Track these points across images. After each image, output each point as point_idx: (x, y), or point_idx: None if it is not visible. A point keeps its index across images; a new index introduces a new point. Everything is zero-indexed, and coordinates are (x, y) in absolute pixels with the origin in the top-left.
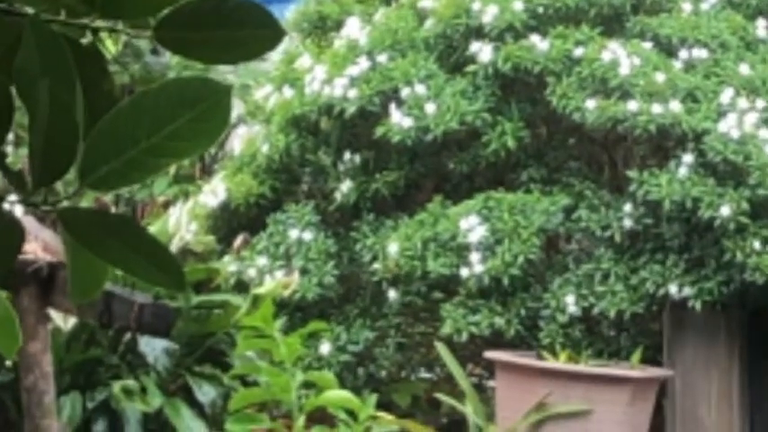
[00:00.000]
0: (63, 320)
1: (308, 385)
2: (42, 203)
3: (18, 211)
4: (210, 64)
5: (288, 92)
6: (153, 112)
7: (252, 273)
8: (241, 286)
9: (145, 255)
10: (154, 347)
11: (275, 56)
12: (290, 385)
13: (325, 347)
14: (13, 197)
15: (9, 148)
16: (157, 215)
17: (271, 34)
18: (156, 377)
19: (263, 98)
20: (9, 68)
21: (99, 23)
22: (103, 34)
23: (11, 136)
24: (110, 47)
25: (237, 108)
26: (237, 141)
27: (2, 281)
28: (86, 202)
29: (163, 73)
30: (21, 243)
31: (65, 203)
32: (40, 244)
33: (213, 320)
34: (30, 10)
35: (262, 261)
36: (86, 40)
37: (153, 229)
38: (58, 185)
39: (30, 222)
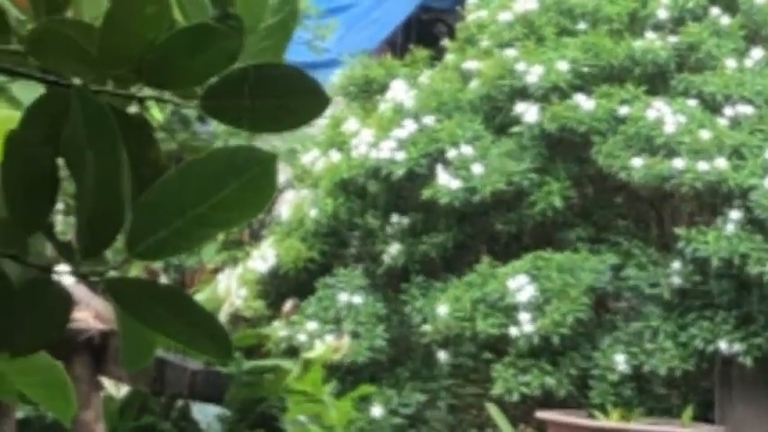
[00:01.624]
0: (115, 388)
1: None
2: (90, 273)
3: (70, 278)
4: (256, 132)
5: (335, 156)
6: (199, 181)
7: (302, 337)
8: (291, 351)
9: (193, 324)
10: (206, 414)
11: (321, 120)
12: None
13: (376, 410)
14: (62, 267)
15: (59, 217)
16: (207, 281)
17: (316, 103)
18: None
19: (311, 162)
20: (56, 139)
21: (146, 93)
22: (150, 101)
23: (60, 205)
24: (157, 114)
25: (285, 173)
26: (285, 206)
27: (54, 350)
28: (136, 269)
29: (210, 140)
30: (69, 313)
31: (112, 273)
32: (92, 312)
33: (265, 385)
34: (77, 81)
35: (312, 325)
36: (133, 108)
37: (203, 295)
38: (109, 253)
39: (81, 290)
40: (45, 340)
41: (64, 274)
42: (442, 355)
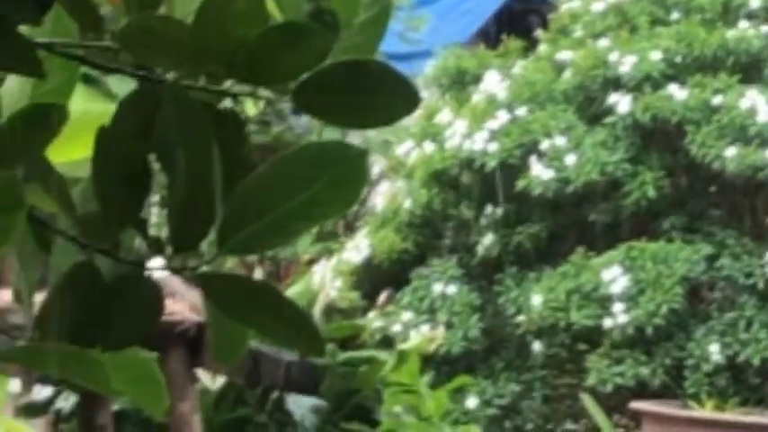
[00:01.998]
0: (211, 380)
1: None
2: (182, 268)
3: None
4: (346, 128)
5: (428, 147)
6: (290, 177)
7: (397, 328)
8: (386, 342)
9: (284, 320)
10: (301, 405)
11: (416, 111)
12: None
13: (471, 401)
14: (156, 261)
15: (155, 209)
16: (302, 273)
17: (406, 101)
18: None
19: (405, 153)
20: (148, 135)
21: (238, 89)
22: (243, 97)
23: (156, 197)
24: (250, 108)
25: (379, 164)
26: (380, 197)
27: (149, 342)
28: (231, 262)
29: (305, 132)
30: (161, 308)
31: (204, 268)
32: (188, 304)
33: (360, 377)
34: (169, 76)
35: (406, 316)
36: (226, 103)
37: (298, 287)
38: (204, 247)
39: (177, 282)
40: (137, 335)
41: (157, 269)
42: (537, 346)
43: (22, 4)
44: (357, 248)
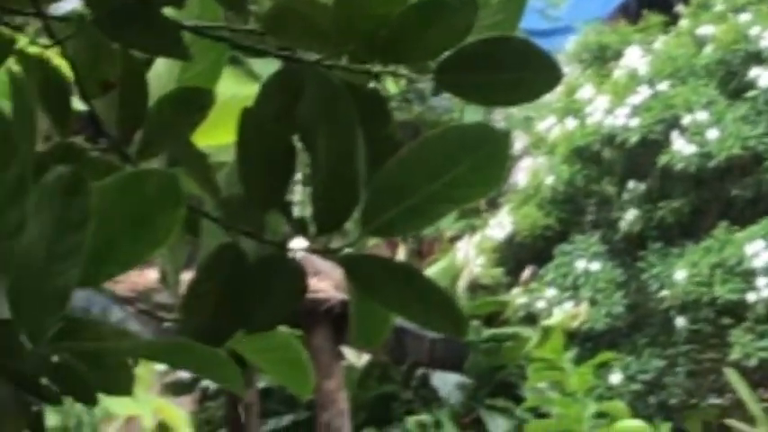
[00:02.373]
0: (356, 357)
1: (600, 415)
2: (325, 250)
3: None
4: (488, 106)
5: (570, 123)
6: (433, 159)
7: (540, 304)
8: (530, 318)
9: (426, 301)
10: (446, 382)
11: (557, 87)
12: (582, 416)
13: (615, 377)
14: (299, 242)
15: (298, 187)
16: (445, 250)
17: (548, 77)
18: (449, 411)
19: (546, 130)
20: (292, 115)
21: (380, 68)
22: (385, 76)
23: (299, 175)
24: (391, 87)
25: (521, 140)
26: (522, 174)
27: (295, 321)
28: (374, 240)
29: (446, 112)
30: (305, 290)
31: (347, 250)
32: (333, 282)
33: (504, 353)
34: (312, 58)
35: (550, 292)
36: (368, 83)
37: (441, 264)
38: (349, 226)
39: (321, 261)
40: (280, 316)
41: (301, 250)
42: (680, 321)
43: None
44: (500, 225)
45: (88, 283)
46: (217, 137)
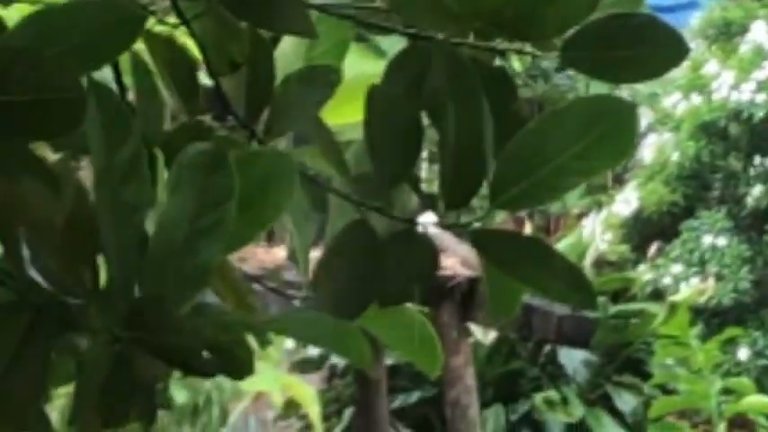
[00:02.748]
0: (483, 334)
1: (727, 391)
2: (454, 225)
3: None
4: (614, 83)
5: (695, 99)
6: (560, 132)
7: (667, 280)
8: (657, 294)
9: (556, 274)
10: (573, 358)
11: (683, 63)
12: (708, 392)
13: (742, 353)
14: (428, 217)
15: (424, 165)
16: (571, 226)
17: (674, 53)
18: (576, 388)
19: (672, 106)
20: (419, 92)
21: (506, 45)
22: (511, 54)
23: (425, 153)
24: (515, 65)
25: (646, 117)
26: (648, 150)
27: (422, 297)
28: (501, 216)
29: (568, 89)
30: (436, 265)
31: (477, 225)
32: (459, 259)
33: (631, 330)
34: (439, 35)
35: (676, 268)
36: (495, 61)
37: (568, 240)
38: (476, 202)
39: (448, 238)
40: (411, 292)
41: (430, 225)
42: None
43: None
44: (626, 201)
45: None
46: (344, 115)
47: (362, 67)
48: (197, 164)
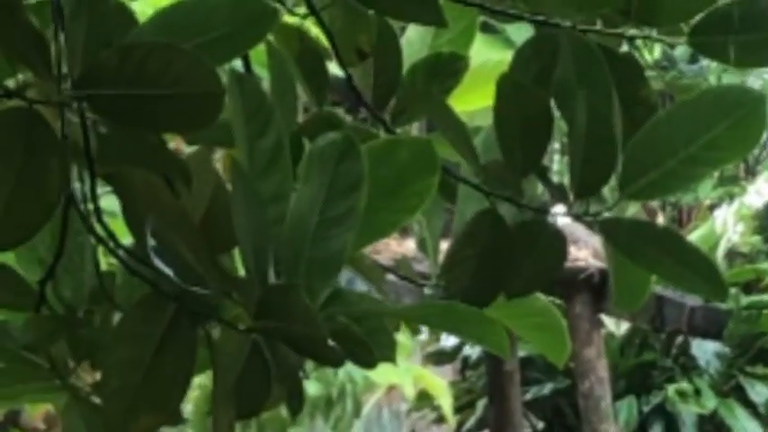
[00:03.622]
0: (616, 326)
1: None
2: (584, 214)
3: (567, 217)
4: (744, 68)
5: None
6: (690, 122)
7: None
8: None
9: (686, 263)
10: (705, 350)
11: None
12: None
13: None
14: (558, 208)
15: (556, 156)
16: (703, 218)
17: None
18: (708, 379)
19: None
20: (548, 81)
21: (634, 32)
22: (640, 42)
23: (557, 145)
24: (645, 54)
25: None
26: None
27: (555, 289)
28: (634, 207)
29: (698, 78)
30: (564, 255)
31: (606, 214)
32: (591, 251)
33: (763, 321)
34: (567, 22)
35: None
36: (623, 49)
37: (699, 231)
38: (606, 192)
39: (579, 229)
40: (540, 282)
41: (560, 215)
42: None
43: None
44: (758, 192)
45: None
46: (471, 102)
47: (489, 55)
48: (327, 153)
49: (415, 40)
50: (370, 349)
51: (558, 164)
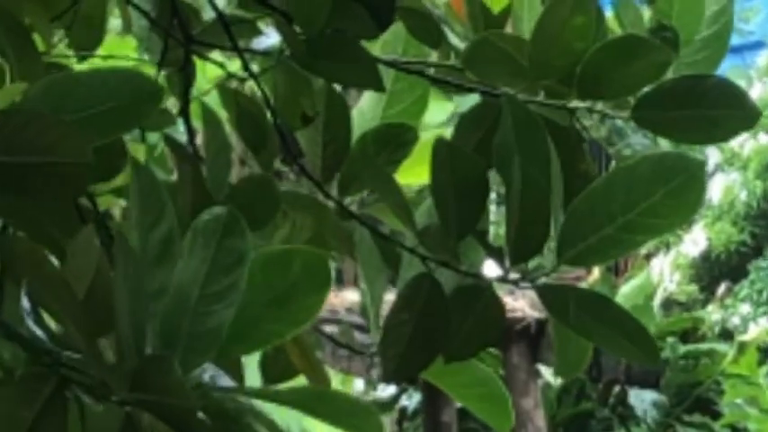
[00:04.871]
0: (553, 375)
1: None
2: (520, 280)
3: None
4: (684, 143)
5: (763, 138)
6: (627, 188)
7: (735, 320)
8: (725, 334)
9: (619, 329)
10: (643, 399)
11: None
12: None
13: None
14: (495, 271)
15: (493, 207)
16: (640, 267)
17: (745, 116)
18: (646, 428)
19: (739, 145)
20: (488, 148)
21: (576, 104)
22: (580, 113)
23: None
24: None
25: (714, 156)
26: (715, 189)
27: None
28: None
29: (644, 151)
30: (503, 320)
31: (543, 280)
32: (528, 301)
33: (700, 369)
34: (509, 90)
35: (745, 308)
36: (566, 120)
37: (636, 281)
38: (546, 254)
39: None
40: (477, 347)
41: (496, 281)
42: None
43: (361, 21)
44: (694, 242)
45: (221, 355)
46: (420, 174)
47: (439, 131)
48: (211, 228)
49: (367, 110)
50: (242, 427)
51: (495, 215)
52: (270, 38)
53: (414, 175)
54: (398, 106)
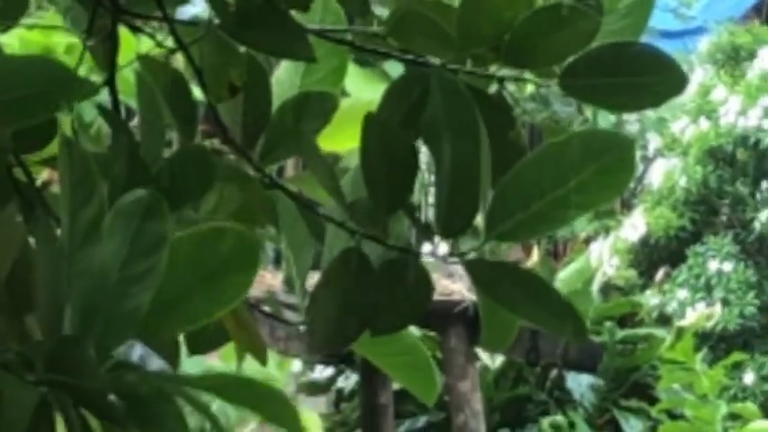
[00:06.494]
0: (491, 359)
1: (733, 417)
2: (450, 255)
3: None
4: (614, 111)
5: (704, 124)
6: (558, 164)
7: (673, 305)
8: (663, 319)
9: (547, 306)
10: (580, 383)
11: (691, 88)
12: (714, 418)
13: (748, 378)
14: (426, 247)
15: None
16: (579, 251)
17: (673, 80)
18: (583, 412)
19: (680, 130)
20: (416, 121)
21: (505, 72)
22: (510, 81)
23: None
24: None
25: (654, 141)
26: (656, 174)
27: (429, 322)
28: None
29: (569, 119)
30: (430, 294)
31: (472, 255)
32: (465, 284)
33: (638, 354)
34: (436, 61)
35: (683, 294)
36: (493, 88)
37: (575, 265)
38: (479, 230)
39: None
40: (405, 321)
41: (425, 255)
42: None
43: None
44: (633, 226)
45: (150, 334)
46: (341, 142)
47: (364, 93)
48: (132, 210)
49: (284, 79)
50: (156, 413)
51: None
52: (195, 6)
53: (334, 143)
54: (316, 75)
